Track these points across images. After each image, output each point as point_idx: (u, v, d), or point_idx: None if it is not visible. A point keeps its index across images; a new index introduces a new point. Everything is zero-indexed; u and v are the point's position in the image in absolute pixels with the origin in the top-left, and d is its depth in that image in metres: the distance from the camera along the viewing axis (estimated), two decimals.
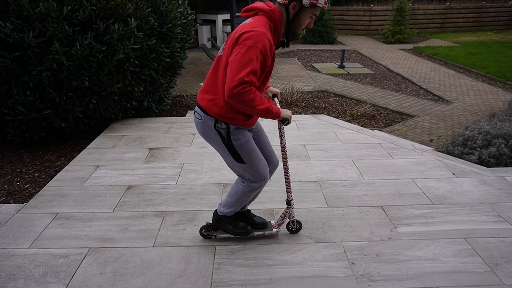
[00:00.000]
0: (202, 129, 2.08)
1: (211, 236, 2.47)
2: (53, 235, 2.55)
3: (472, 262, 2.27)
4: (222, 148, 2.09)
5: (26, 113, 3.80)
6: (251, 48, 1.77)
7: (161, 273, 2.20)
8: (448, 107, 5.71)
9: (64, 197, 3.03)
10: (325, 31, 12.19)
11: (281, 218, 2.46)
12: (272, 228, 2.48)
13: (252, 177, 2.16)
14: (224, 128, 2.01)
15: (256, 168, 2.12)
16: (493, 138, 3.77)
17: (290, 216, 2.46)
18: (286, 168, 2.31)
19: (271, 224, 2.52)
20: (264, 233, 2.46)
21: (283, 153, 2.27)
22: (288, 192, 2.38)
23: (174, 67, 5.03)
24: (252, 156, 2.10)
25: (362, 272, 2.20)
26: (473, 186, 3.14)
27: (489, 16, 15.01)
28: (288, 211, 2.43)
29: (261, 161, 2.15)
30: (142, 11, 4.17)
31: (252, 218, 2.50)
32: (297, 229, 2.54)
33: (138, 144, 4.09)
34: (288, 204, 2.41)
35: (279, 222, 2.47)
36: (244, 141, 2.06)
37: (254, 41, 1.78)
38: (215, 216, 2.43)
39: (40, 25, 3.64)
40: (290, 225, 2.52)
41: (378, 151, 3.85)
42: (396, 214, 2.77)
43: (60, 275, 2.19)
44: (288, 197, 2.39)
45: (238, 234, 2.42)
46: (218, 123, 2.00)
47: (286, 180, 2.35)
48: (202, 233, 2.49)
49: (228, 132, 2.02)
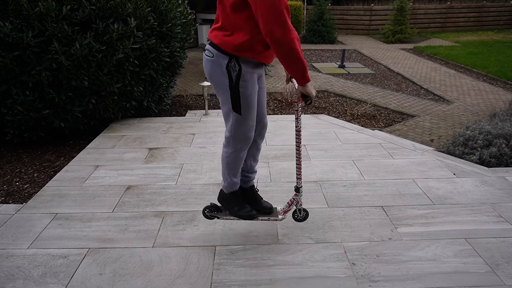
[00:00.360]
0: (211, 69, 1.97)
1: (214, 217, 2.41)
2: (52, 236, 2.55)
3: (473, 262, 2.27)
4: (225, 92, 1.98)
5: (25, 113, 3.80)
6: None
7: (160, 274, 2.20)
8: (449, 107, 5.71)
9: (63, 197, 3.03)
10: (325, 30, 12.19)
11: (288, 205, 2.38)
12: (277, 215, 2.41)
13: (237, 135, 2.08)
14: (236, 70, 1.91)
15: (245, 124, 2.06)
16: (494, 138, 3.77)
17: (298, 204, 2.38)
18: (298, 153, 2.22)
19: (277, 210, 2.45)
20: (269, 219, 2.38)
21: (297, 137, 2.18)
22: (298, 179, 2.30)
23: (174, 67, 5.03)
24: (250, 111, 2.03)
25: (362, 272, 2.20)
26: (474, 186, 3.14)
27: (490, 16, 15.02)
28: (296, 198, 2.35)
29: (253, 121, 2.09)
30: (142, 11, 4.17)
31: (259, 200, 2.45)
32: (303, 218, 2.46)
33: (137, 144, 4.09)
34: (296, 191, 2.32)
35: (285, 209, 2.40)
36: (251, 91, 1.99)
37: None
38: (221, 195, 2.36)
39: (39, 24, 3.64)
40: (296, 213, 2.43)
41: (379, 151, 3.85)
42: (396, 214, 2.77)
43: (60, 276, 2.19)
44: (298, 183, 2.30)
45: (243, 217, 2.33)
46: (232, 62, 1.91)
47: (298, 166, 2.26)
48: (205, 213, 2.43)
49: (239, 75, 1.91)
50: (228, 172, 2.26)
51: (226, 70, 1.92)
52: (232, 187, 2.33)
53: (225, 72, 1.93)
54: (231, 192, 2.35)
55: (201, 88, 6.82)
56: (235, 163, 2.21)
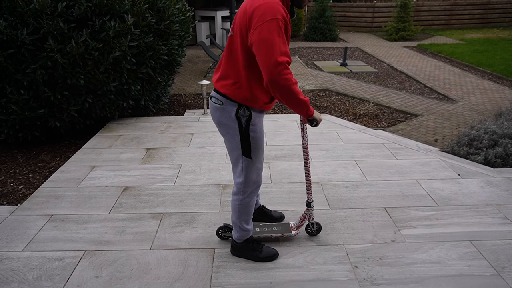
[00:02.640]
0: (220, 116, 2.02)
1: (228, 237, 2.46)
2: (47, 238, 2.55)
3: (478, 265, 2.27)
4: (235, 138, 2.03)
5: (20, 112, 3.80)
6: (271, 21, 1.75)
7: (158, 277, 2.20)
8: (453, 106, 5.71)
9: (59, 199, 3.03)
10: (327, 28, 12.19)
11: (300, 220, 2.45)
12: (291, 230, 2.47)
13: (247, 180, 2.12)
14: (246, 115, 1.98)
15: (256, 168, 2.11)
16: (499, 138, 3.77)
17: (310, 218, 2.46)
18: (307, 169, 2.32)
19: (290, 226, 2.51)
20: (282, 235, 2.45)
21: (304, 154, 2.29)
22: (309, 194, 2.38)
23: (172, 65, 5.03)
24: (259, 154, 2.09)
25: (365, 275, 2.20)
26: (479, 187, 3.14)
27: (495, 13, 15.01)
28: (308, 213, 2.43)
29: (261, 164, 2.15)
30: (139, 8, 4.17)
31: (270, 213, 2.60)
32: (317, 231, 2.53)
33: (135, 144, 4.09)
34: (308, 206, 2.41)
35: (298, 224, 2.47)
36: (260, 134, 2.06)
37: (271, 13, 1.76)
38: (234, 247, 2.32)
39: (34, 22, 3.64)
40: (309, 228, 2.51)
41: (382, 151, 3.85)
42: (400, 216, 2.77)
43: (55, 279, 2.19)
44: (309, 198, 2.39)
45: (266, 260, 2.30)
46: (242, 109, 1.97)
47: (307, 181, 2.36)
48: (219, 234, 2.48)
49: (249, 121, 1.99)
50: (240, 220, 2.23)
51: (235, 116, 1.99)
52: (245, 236, 2.29)
53: (235, 118, 1.99)
54: (245, 240, 2.30)
55: (199, 86, 6.82)
56: (247, 210, 2.20)
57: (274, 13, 1.76)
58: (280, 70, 1.76)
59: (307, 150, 2.28)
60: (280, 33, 1.77)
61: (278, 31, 1.76)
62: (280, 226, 2.52)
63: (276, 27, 1.76)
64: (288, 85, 1.80)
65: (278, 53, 1.76)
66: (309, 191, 2.38)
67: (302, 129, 2.24)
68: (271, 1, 1.79)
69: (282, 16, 1.78)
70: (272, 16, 1.76)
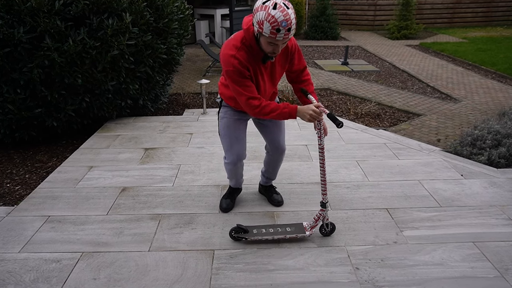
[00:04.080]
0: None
1: (241, 238, 2.48)
2: (44, 239, 2.55)
3: (481, 267, 2.27)
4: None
5: (16, 112, 3.80)
6: (228, 72, 2.13)
7: (157, 279, 2.20)
8: (456, 105, 5.71)
9: (56, 200, 3.03)
10: (328, 26, 12.19)
11: (315, 220, 2.47)
12: (304, 231, 2.48)
13: (225, 153, 2.60)
14: (218, 101, 2.60)
15: (227, 145, 2.55)
16: (503, 138, 3.77)
17: (324, 219, 2.47)
18: (323, 170, 2.33)
19: (303, 226, 2.52)
20: (297, 236, 2.46)
21: (320, 155, 2.30)
22: (324, 194, 2.39)
23: (171, 64, 5.04)
24: (226, 133, 2.53)
25: (366, 277, 2.20)
26: (482, 188, 3.14)
27: (499, 11, 15.01)
28: (323, 214, 2.44)
29: (233, 141, 2.51)
30: (137, 6, 4.17)
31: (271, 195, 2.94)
32: (330, 232, 2.54)
33: (133, 144, 4.09)
34: (322, 207, 2.42)
35: (312, 225, 2.48)
36: (225, 117, 2.53)
37: (225, 64, 2.13)
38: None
39: (31, 20, 3.64)
40: (323, 228, 2.52)
41: (383, 151, 3.85)
42: (402, 217, 2.77)
43: (52, 281, 2.19)
44: (324, 199, 2.40)
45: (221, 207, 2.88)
46: (220, 99, 2.59)
47: (322, 182, 2.37)
48: (231, 235, 2.50)
49: (220, 105, 2.59)
50: (229, 176, 2.79)
51: (219, 102, 2.63)
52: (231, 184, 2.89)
53: (218, 103, 2.64)
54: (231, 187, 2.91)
55: (199, 86, 6.82)
56: (229, 171, 2.70)
57: (227, 65, 2.12)
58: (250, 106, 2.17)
59: (323, 150, 2.29)
60: (235, 79, 2.13)
61: (234, 77, 2.13)
62: (293, 226, 2.52)
63: (232, 74, 2.12)
64: (261, 112, 2.18)
65: (240, 94, 2.16)
66: (324, 191, 2.39)
67: (319, 129, 2.26)
68: (225, 54, 2.13)
69: (235, 66, 2.09)
70: (226, 67, 2.12)
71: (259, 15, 1.89)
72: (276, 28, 1.87)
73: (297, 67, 2.43)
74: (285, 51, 2.28)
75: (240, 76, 2.12)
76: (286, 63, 2.35)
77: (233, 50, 2.10)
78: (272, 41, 1.95)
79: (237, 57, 2.09)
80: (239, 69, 2.10)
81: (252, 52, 2.13)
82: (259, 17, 1.89)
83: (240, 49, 2.11)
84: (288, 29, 1.89)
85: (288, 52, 2.30)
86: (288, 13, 1.86)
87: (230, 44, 2.13)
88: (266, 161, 2.83)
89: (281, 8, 1.85)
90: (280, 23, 1.85)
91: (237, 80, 2.12)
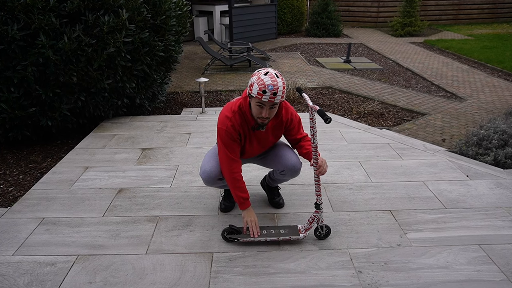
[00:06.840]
0: None
1: (234, 239, 2.48)
2: (38, 242, 2.55)
3: (487, 270, 2.27)
4: None
5: (10, 111, 3.81)
6: (220, 129, 2.37)
7: (154, 282, 2.20)
8: (462, 104, 5.72)
9: (50, 201, 3.03)
10: (330, 23, 12.20)
11: (309, 222, 2.47)
12: (298, 233, 2.48)
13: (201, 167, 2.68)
14: None
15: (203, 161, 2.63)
16: (509, 137, 3.77)
17: (319, 221, 2.47)
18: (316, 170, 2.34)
19: (298, 228, 2.52)
20: (290, 238, 2.46)
21: (313, 154, 2.30)
22: (318, 196, 2.39)
23: (169, 62, 5.04)
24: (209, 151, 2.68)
25: (369, 281, 2.20)
26: (489, 189, 3.14)
27: (505, 7, 15.02)
28: (317, 216, 2.44)
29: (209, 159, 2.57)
30: (134, 2, 4.17)
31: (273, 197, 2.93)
32: (325, 235, 2.54)
33: (129, 144, 4.09)
34: (317, 208, 2.42)
35: (306, 227, 2.48)
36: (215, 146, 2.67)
37: (220, 122, 2.38)
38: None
39: (25, 16, 3.65)
40: (318, 231, 2.52)
41: (387, 151, 3.85)
42: (406, 219, 2.77)
43: (47, 284, 2.19)
44: (318, 200, 2.40)
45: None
46: None
47: (316, 182, 2.38)
48: (224, 236, 2.51)
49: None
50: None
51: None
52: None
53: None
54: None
55: (197, 84, 6.83)
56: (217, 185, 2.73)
57: (221, 124, 2.37)
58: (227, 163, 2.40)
59: (316, 149, 2.29)
60: (225, 139, 2.36)
61: (223, 137, 2.36)
62: (287, 228, 2.52)
63: (223, 134, 2.36)
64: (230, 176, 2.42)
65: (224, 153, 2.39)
66: (318, 192, 2.39)
67: (312, 127, 2.26)
68: (223, 113, 2.38)
69: (228, 127, 2.34)
70: (220, 125, 2.37)
71: (251, 80, 2.19)
72: (263, 90, 2.12)
73: (294, 137, 2.59)
74: (279, 123, 2.48)
75: (230, 138, 2.37)
76: (280, 133, 2.55)
77: (230, 113, 2.37)
78: (259, 101, 2.18)
79: (231, 119, 2.36)
80: (231, 132, 2.35)
81: (245, 118, 2.39)
82: (251, 81, 2.19)
83: (236, 113, 2.37)
84: (274, 93, 2.12)
85: (283, 124, 2.51)
86: (276, 80, 2.13)
87: (229, 107, 2.40)
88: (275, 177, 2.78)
89: (271, 75, 2.14)
90: (267, 85, 2.12)
91: (226, 140, 2.37)
